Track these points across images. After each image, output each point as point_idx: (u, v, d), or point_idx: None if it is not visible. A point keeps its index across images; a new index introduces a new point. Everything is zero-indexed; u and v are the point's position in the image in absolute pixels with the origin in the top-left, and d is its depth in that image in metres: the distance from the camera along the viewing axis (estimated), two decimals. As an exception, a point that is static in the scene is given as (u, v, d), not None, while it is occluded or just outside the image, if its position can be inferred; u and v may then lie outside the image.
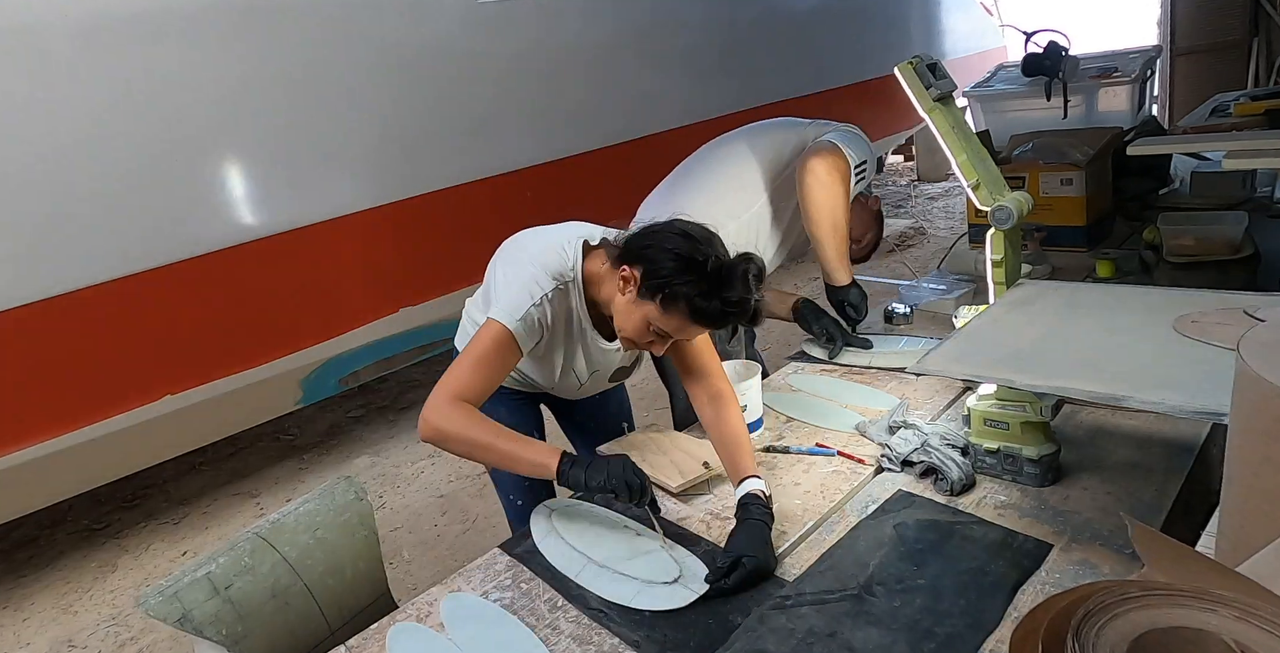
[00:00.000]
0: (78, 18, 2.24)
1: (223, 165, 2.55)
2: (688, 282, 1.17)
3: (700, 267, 1.16)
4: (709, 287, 1.17)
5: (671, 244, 1.19)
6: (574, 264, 1.29)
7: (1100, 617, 0.53)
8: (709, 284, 1.17)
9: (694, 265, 1.17)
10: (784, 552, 1.16)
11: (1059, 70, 2.34)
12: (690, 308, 1.18)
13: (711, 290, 1.17)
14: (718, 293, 1.16)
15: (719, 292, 1.16)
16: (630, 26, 3.72)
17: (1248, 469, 0.66)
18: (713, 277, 1.16)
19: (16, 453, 2.28)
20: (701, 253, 1.17)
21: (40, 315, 2.25)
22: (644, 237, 1.24)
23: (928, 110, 1.43)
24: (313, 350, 2.75)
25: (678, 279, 1.17)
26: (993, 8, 7.05)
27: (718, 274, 1.17)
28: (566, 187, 3.50)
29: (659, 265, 1.19)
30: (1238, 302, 1.14)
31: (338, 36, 2.75)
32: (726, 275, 1.17)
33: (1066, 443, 1.26)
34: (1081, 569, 1.02)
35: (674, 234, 1.21)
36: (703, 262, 1.16)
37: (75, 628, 2.53)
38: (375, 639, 1.12)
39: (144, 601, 1.18)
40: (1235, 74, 4.96)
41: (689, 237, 1.20)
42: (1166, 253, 1.94)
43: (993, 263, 1.42)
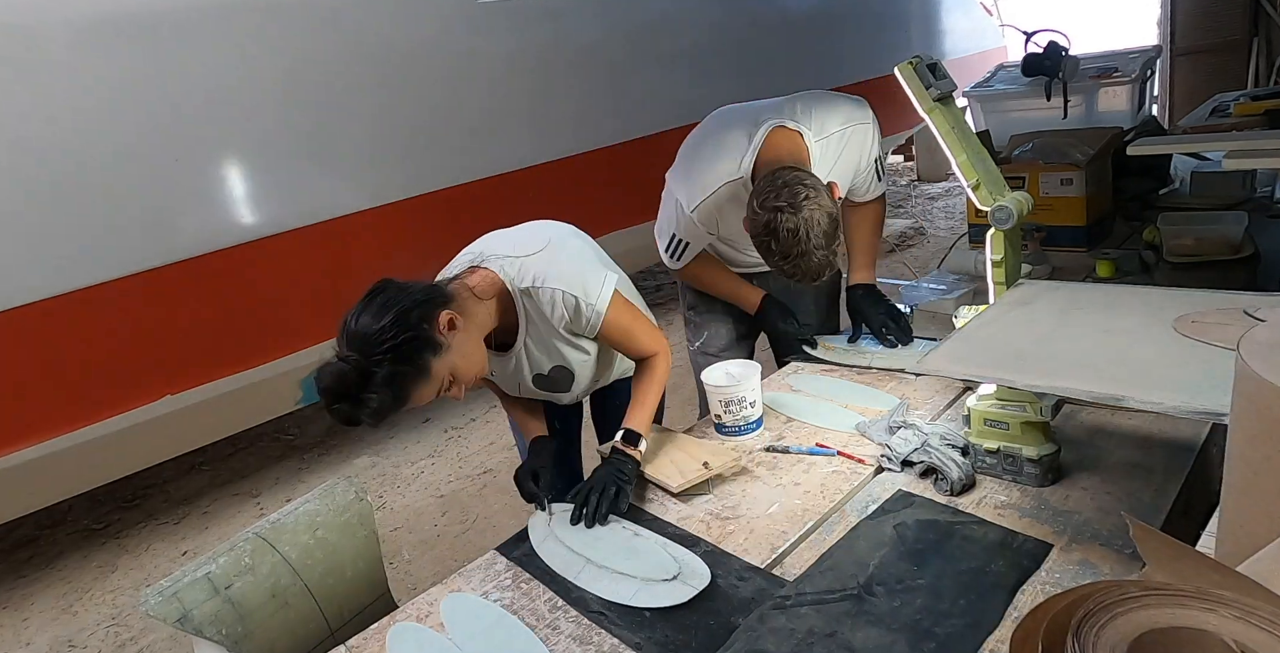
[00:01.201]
0: (74, 18, 2.24)
1: (222, 165, 2.55)
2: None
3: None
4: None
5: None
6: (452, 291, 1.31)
7: (1100, 617, 0.53)
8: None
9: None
10: (784, 552, 1.16)
11: (1059, 70, 2.33)
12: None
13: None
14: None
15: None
16: (630, 26, 3.72)
17: (1248, 469, 0.66)
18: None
19: (16, 453, 2.28)
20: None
21: (40, 315, 2.25)
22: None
23: (928, 110, 1.43)
24: (313, 350, 2.75)
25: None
26: (993, 8, 7.05)
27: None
28: (567, 186, 3.50)
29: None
30: (1238, 302, 1.14)
31: (337, 36, 2.75)
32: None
33: (1066, 443, 1.26)
34: (1081, 569, 1.02)
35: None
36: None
37: (75, 628, 2.53)
38: (375, 639, 1.12)
39: (144, 601, 1.18)
40: (1235, 74, 4.96)
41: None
42: (1166, 253, 1.94)
43: (993, 263, 1.42)
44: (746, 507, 1.28)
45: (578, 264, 1.39)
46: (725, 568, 1.13)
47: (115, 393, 2.42)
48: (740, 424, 1.50)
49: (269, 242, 2.63)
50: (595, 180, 3.58)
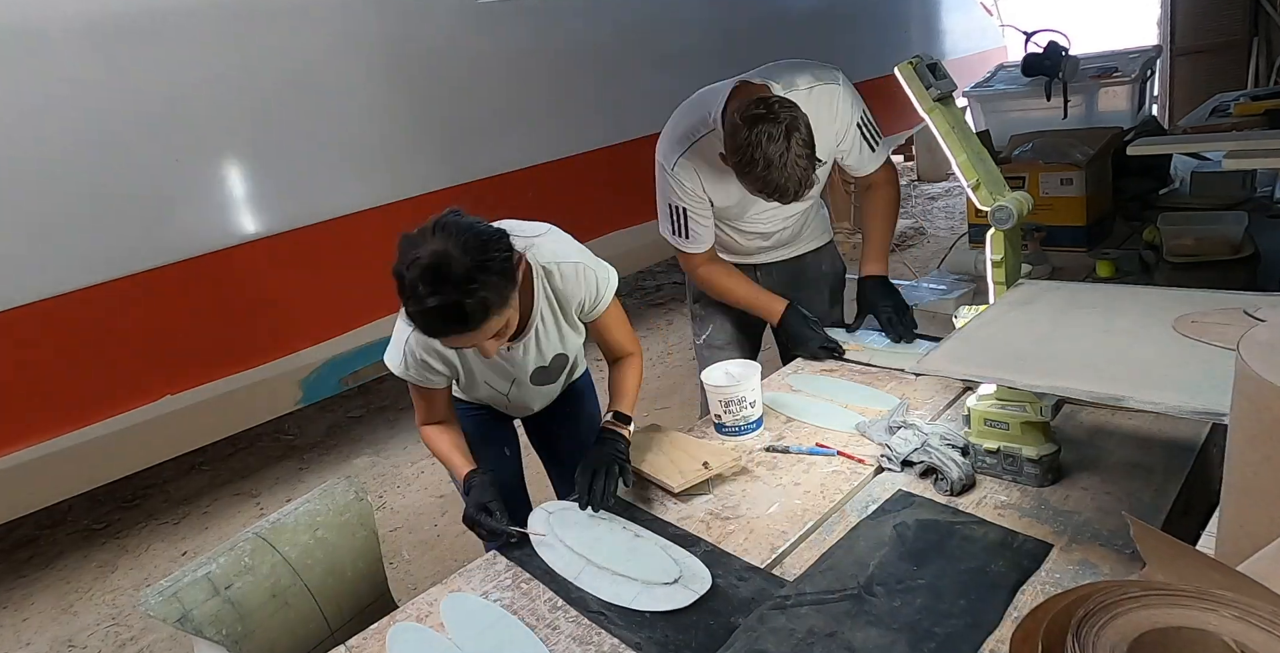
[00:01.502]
0: (72, 18, 2.24)
1: (222, 165, 2.55)
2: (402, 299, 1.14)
3: (400, 283, 1.12)
4: (405, 299, 1.13)
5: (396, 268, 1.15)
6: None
7: (1100, 617, 0.53)
8: (404, 297, 1.13)
9: (398, 284, 1.13)
10: (784, 552, 1.16)
11: (1059, 70, 2.33)
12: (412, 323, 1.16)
13: (407, 302, 1.13)
14: (410, 304, 1.12)
15: (409, 305, 1.12)
16: (630, 26, 3.72)
17: (1248, 469, 0.66)
18: (403, 291, 1.12)
19: (16, 453, 2.28)
20: (395, 269, 1.13)
21: (41, 315, 2.25)
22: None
23: (928, 110, 1.43)
24: (313, 350, 2.75)
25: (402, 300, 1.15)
26: (993, 8, 7.04)
27: (402, 288, 1.12)
28: (567, 186, 3.50)
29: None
30: (1238, 302, 1.14)
31: (337, 36, 2.75)
32: (409, 287, 1.10)
33: (1066, 443, 1.26)
34: (1081, 569, 1.02)
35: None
36: (398, 278, 1.12)
37: (75, 628, 2.53)
38: (375, 639, 1.12)
39: (144, 601, 1.18)
40: (1235, 74, 4.96)
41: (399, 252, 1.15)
42: (1166, 253, 1.94)
43: (993, 263, 1.41)
44: (746, 507, 1.28)
45: (581, 247, 1.43)
46: (725, 568, 1.13)
47: (115, 393, 2.42)
48: (740, 424, 1.50)
49: (269, 241, 2.63)
50: (595, 180, 3.58)
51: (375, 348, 2.88)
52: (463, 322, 1.11)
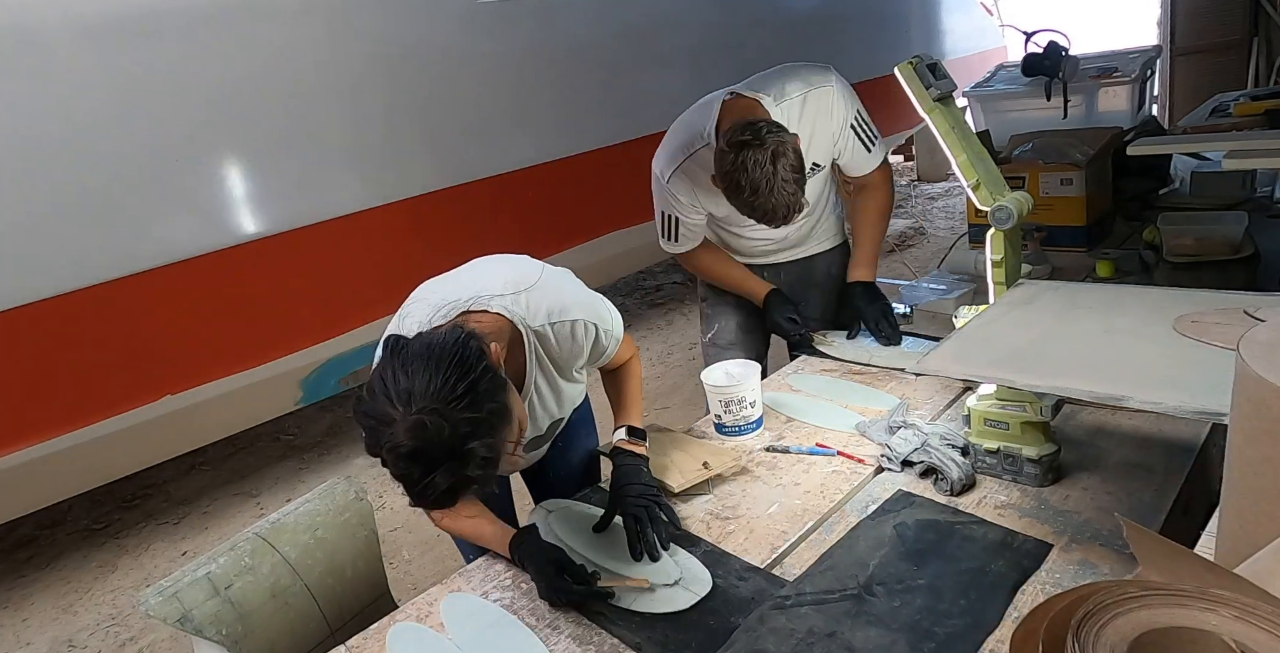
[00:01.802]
0: (69, 18, 2.24)
1: (222, 165, 2.55)
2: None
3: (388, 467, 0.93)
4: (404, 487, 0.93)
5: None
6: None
7: (1100, 617, 0.53)
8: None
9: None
10: (784, 552, 1.16)
11: (1059, 70, 2.33)
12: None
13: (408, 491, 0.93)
14: (413, 496, 0.93)
15: (412, 495, 0.93)
16: (630, 26, 3.72)
17: (1248, 469, 0.66)
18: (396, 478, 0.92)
19: (16, 453, 2.28)
20: (372, 451, 0.94)
21: (41, 315, 2.25)
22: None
23: (928, 110, 1.43)
24: (313, 350, 2.75)
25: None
26: (993, 8, 7.04)
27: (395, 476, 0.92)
28: (567, 186, 3.50)
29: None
30: (1238, 302, 1.14)
31: (336, 36, 2.75)
32: (403, 479, 0.92)
33: (1066, 443, 1.26)
34: (1081, 569, 1.02)
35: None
36: (384, 463, 0.92)
37: (75, 628, 2.53)
38: (375, 639, 1.12)
39: (144, 601, 1.18)
40: (1235, 74, 4.96)
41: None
42: (1166, 253, 1.94)
43: (993, 263, 1.42)
44: (746, 507, 1.28)
45: (582, 291, 1.26)
46: (725, 568, 1.13)
47: (115, 393, 2.42)
48: (740, 424, 1.50)
49: (269, 241, 2.63)
50: (595, 180, 3.58)
51: (375, 348, 2.88)
52: (483, 483, 0.94)
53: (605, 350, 1.28)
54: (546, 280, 1.21)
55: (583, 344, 1.22)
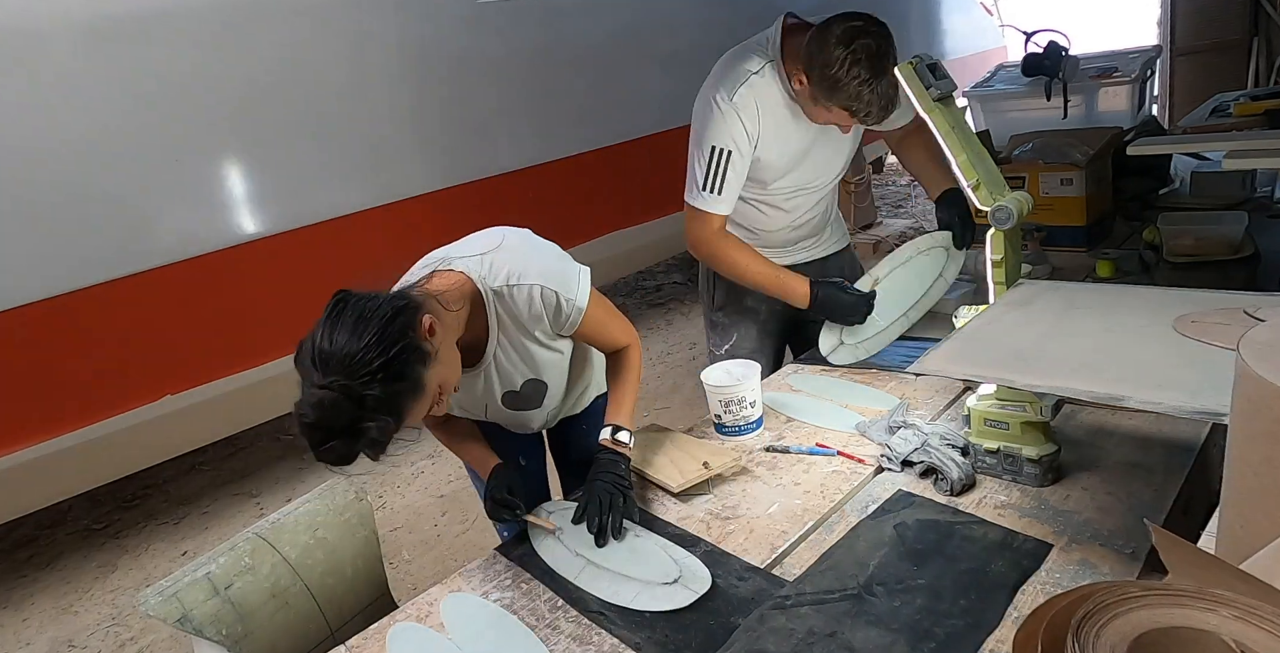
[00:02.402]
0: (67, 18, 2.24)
1: (223, 165, 2.55)
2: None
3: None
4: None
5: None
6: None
7: (1100, 617, 0.53)
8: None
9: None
10: (784, 552, 1.16)
11: (1059, 70, 2.34)
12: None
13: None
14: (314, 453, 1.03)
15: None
16: (630, 27, 3.72)
17: (1248, 469, 0.66)
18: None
19: (16, 453, 2.28)
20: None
21: (41, 315, 2.25)
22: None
23: (928, 110, 1.43)
24: (313, 351, 2.75)
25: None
26: (993, 8, 7.04)
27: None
28: (568, 186, 3.50)
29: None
30: (1238, 302, 1.14)
31: (335, 36, 2.75)
32: (303, 439, 1.02)
33: (1066, 443, 1.26)
34: (1081, 569, 1.02)
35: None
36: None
37: (75, 628, 2.53)
38: (375, 639, 1.12)
39: (144, 601, 1.18)
40: (1235, 74, 4.95)
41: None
42: (1166, 253, 1.94)
43: (993, 263, 1.41)
44: (746, 507, 1.28)
45: (550, 257, 1.29)
46: (725, 568, 1.13)
47: (115, 393, 2.42)
48: (740, 424, 1.50)
49: (269, 241, 2.63)
50: (596, 180, 3.58)
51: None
52: (371, 456, 1.04)
53: (569, 318, 1.28)
54: (513, 244, 1.27)
55: (540, 310, 1.25)
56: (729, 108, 1.58)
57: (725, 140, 1.60)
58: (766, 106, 1.60)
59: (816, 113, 1.57)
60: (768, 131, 1.62)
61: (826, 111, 1.53)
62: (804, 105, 1.59)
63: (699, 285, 2.03)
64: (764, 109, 1.60)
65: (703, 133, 1.63)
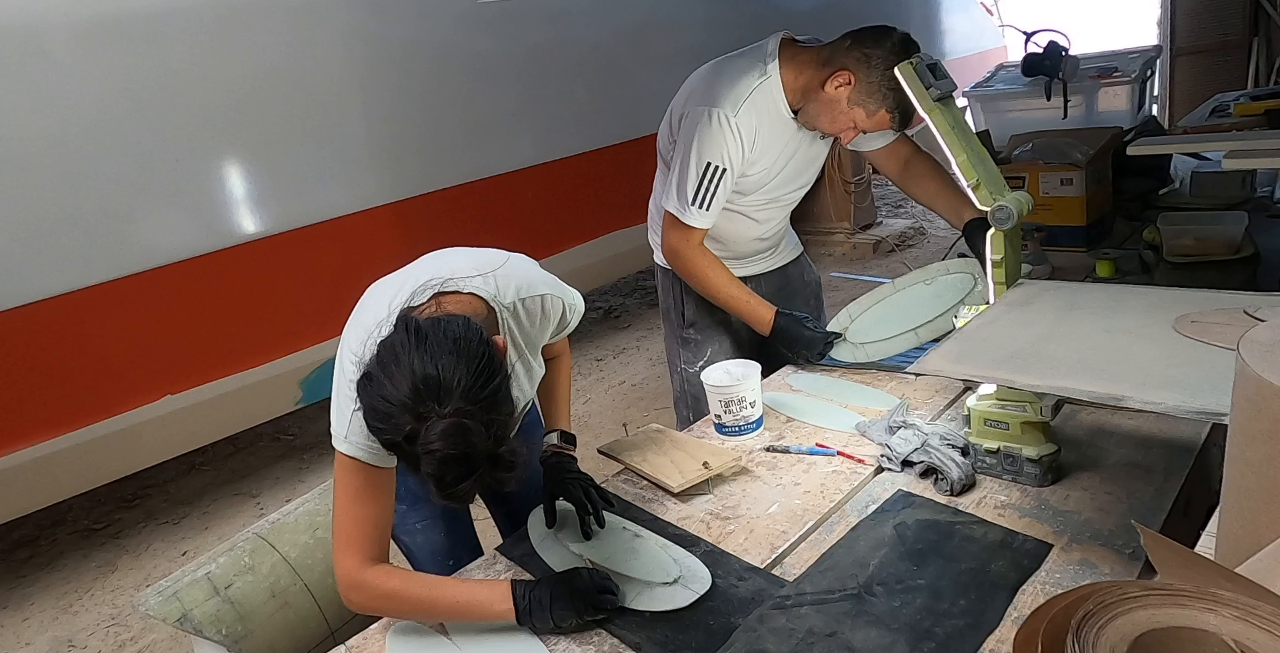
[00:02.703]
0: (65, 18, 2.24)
1: (223, 165, 2.55)
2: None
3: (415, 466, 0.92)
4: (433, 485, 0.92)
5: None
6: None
7: (1100, 617, 0.53)
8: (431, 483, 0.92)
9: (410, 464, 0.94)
10: (784, 552, 1.16)
11: (1059, 70, 2.33)
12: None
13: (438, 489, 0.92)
14: (443, 493, 0.92)
15: (441, 493, 0.92)
16: (630, 26, 3.72)
17: (1248, 469, 0.66)
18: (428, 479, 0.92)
19: (16, 453, 2.28)
20: (396, 442, 0.92)
21: (41, 315, 2.25)
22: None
23: (928, 110, 1.43)
24: (313, 350, 2.75)
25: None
26: (993, 8, 7.05)
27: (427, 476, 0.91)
28: (568, 187, 3.50)
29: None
30: (1238, 302, 1.14)
31: (335, 36, 2.75)
32: (435, 480, 0.91)
33: (1066, 443, 1.26)
34: (1081, 569, 1.02)
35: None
36: (412, 461, 0.92)
37: (75, 628, 2.53)
38: (375, 639, 1.12)
39: (144, 601, 1.18)
40: (1235, 74, 4.96)
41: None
42: (1166, 253, 1.94)
43: (993, 263, 1.42)
44: (746, 507, 1.28)
45: (535, 266, 1.27)
46: (725, 568, 1.13)
47: (115, 393, 2.42)
48: (740, 424, 1.50)
49: (269, 242, 2.63)
50: (597, 180, 3.58)
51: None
52: (513, 486, 0.94)
53: (569, 324, 1.31)
54: (513, 262, 1.22)
55: (551, 318, 1.25)
56: (732, 125, 1.57)
57: (722, 158, 1.60)
58: (764, 121, 1.61)
59: (835, 119, 1.57)
60: (760, 146, 1.63)
61: (856, 121, 1.55)
62: (817, 112, 1.59)
63: (660, 304, 1.98)
64: (761, 124, 1.61)
65: (699, 146, 1.61)
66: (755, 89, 1.59)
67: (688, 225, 1.67)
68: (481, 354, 0.94)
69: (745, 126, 1.58)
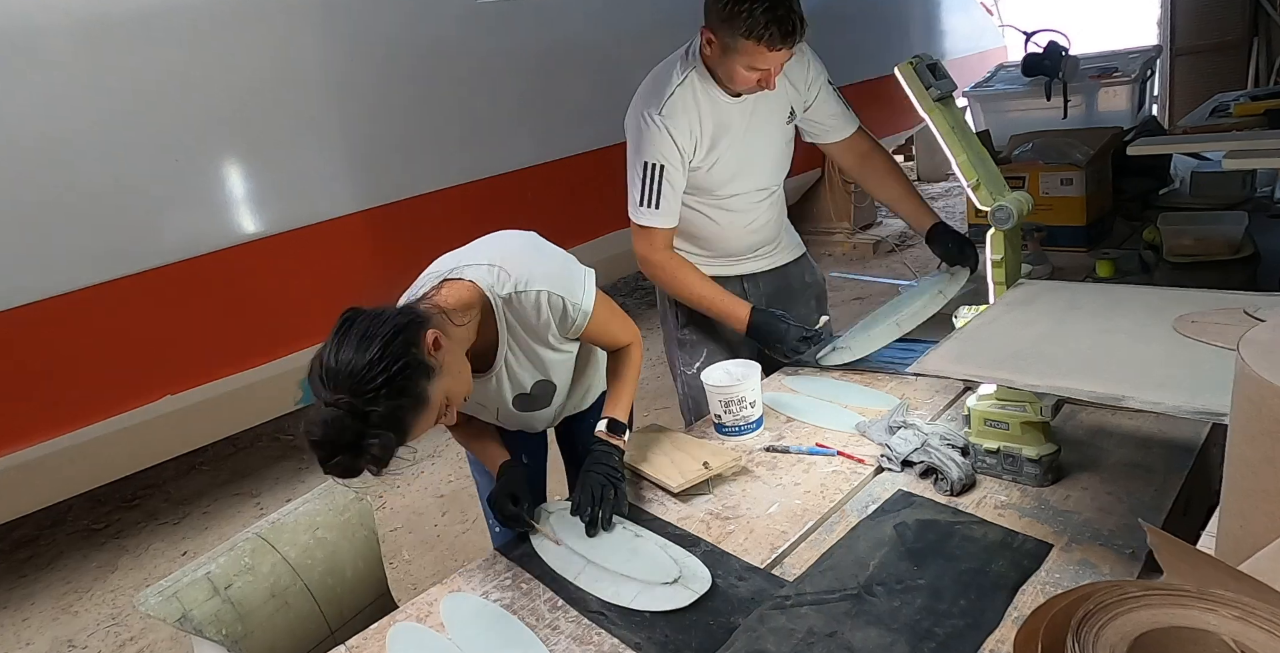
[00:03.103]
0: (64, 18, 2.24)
1: (222, 165, 2.55)
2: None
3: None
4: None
5: None
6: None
7: (1100, 617, 0.53)
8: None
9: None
10: (784, 552, 1.16)
11: (1059, 70, 2.33)
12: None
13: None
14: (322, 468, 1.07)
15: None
16: (630, 27, 3.72)
17: (1248, 469, 0.66)
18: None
19: (17, 453, 2.28)
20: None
21: (41, 315, 2.25)
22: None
23: (928, 110, 1.43)
24: (313, 350, 2.74)
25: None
26: (993, 8, 7.05)
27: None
28: (566, 187, 3.50)
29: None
30: (1238, 302, 1.14)
31: (335, 36, 2.75)
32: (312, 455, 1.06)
33: (1066, 443, 1.26)
34: (1081, 569, 1.02)
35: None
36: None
37: (75, 628, 2.53)
38: (375, 639, 1.12)
39: (144, 600, 1.18)
40: (1235, 74, 4.95)
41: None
42: (1166, 253, 1.94)
43: (993, 263, 1.42)
44: (746, 507, 1.28)
45: (556, 262, 1.32)
46: (725, 568, 1.13)
47: (115, 393, 2.42)
48: (740, 424, 1.50)
49: (268, 242, 2.63)
50: (597, 179, 3.58)
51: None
52: (374, 472, 1.07)
53: (575, 322, 1.30)
54: (518, 250, 1.31)
55: (548, 315, 1.27)
56: (659, 122, 1.62)
57: (656, 155, 1.63)
58: (695, 114, 1.63)
59: (736, 74, 1.55)
60: (705, 139, 1.65)
61: (741, 63, 1.53)
62: (725, 79, 1.60)
63: (658, 306, 2.01)
64: (693, 118, 1.63)
65: (635, 149, 1.66)
66: (678, 86, 1.63)
67: (646, 227, 1.69)
68: (383, 349, 1.04)
69: (674, 121, 1.61)
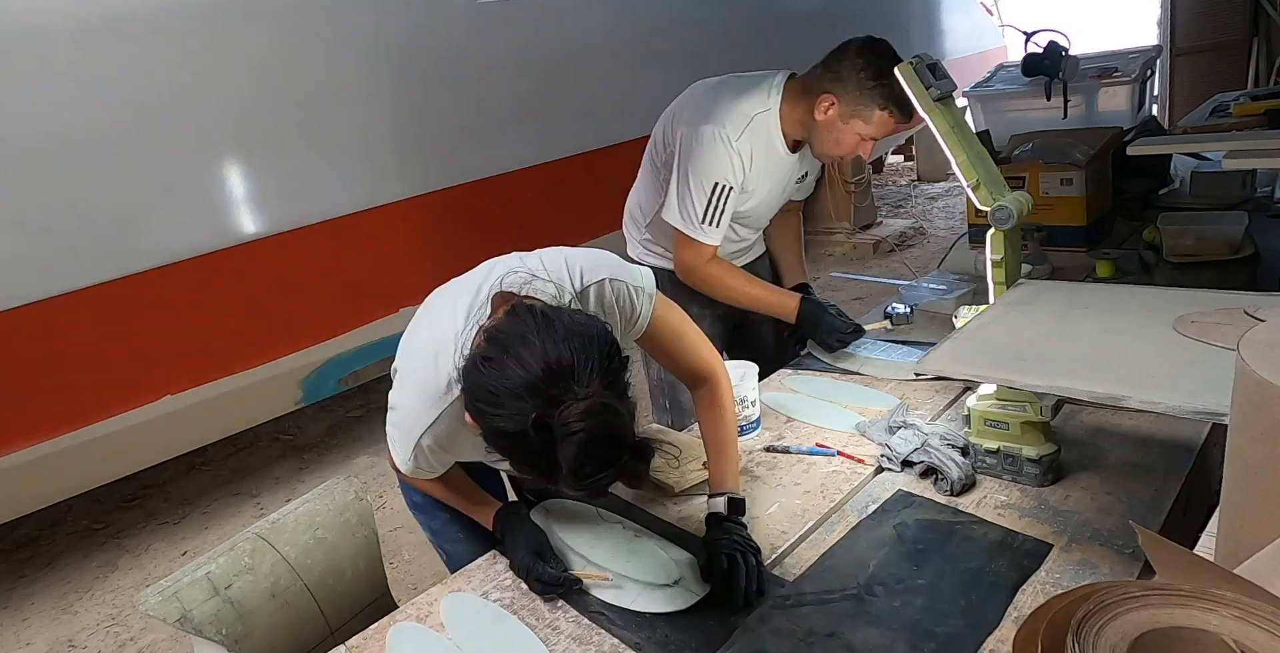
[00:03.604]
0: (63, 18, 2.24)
1: (222, 165, 2.55)
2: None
3: (538, 452, 0.89)
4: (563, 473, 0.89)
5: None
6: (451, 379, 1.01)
7: (1100, 617, 0.53)
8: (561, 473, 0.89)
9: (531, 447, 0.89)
10: (784, 552, 1.16)
11: (1059, 70, 2.33)
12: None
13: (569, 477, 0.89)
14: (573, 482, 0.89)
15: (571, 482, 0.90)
16: (631, 26, 3.72)
17: (1248, 469, 0.66)
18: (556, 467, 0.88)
19: (16, 453, 2.28)
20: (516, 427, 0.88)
21: (41, 315, 2.25)
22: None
23: (928, 110, 1.43)
24: (313, 350, 2.75)
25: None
26: (993, 8, 7.05)
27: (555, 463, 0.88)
28: (566, 187, 3.50)
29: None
30: (1238, 302, 1.14)
31: (335, 36, 2.75)
32: (573, 469, 0.87)
33: (1066, 443, 1.26)
34: (1081, 569, 1.02)
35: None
36: (531, 441, 0.87)
37: (75, 628, 2.53)
38: (375, 639, 1.12)
39: (144, 600, 1.18)
40: (1235, 74, 4.95)
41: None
42: (1166, 253, 1.94)
43: (993, 263, 1.42)
44: (746, 507, 1.28)
45: (602, 253, 1.20)
46: (725, 568, 1.13)
47: (115, 393, 2.42)
48: (740, 424, 1.50)
49: (269, 241, 2.63)
50: (597, 179, 3.58)
51: (375, 348, 2.88)
52: (639, 480, 0.92)
53: (640, 311, 1.18)
54: (567, 254, 1.18)
55: (612, 304, 1.15)
56: (734, 147, 1.63)
57: (728, 177, 1.65)
58: (760, 150, 1.66)
59: (844, 140, 1.62)
60: (754, 173, 1.69)
61: (864, 132, 1.59)
62: (824, 144, 1.65)
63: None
64: (757, 151, 1.66)
65: (704, 167, 1.65)
66: (756, 116, 1.65)
67: (701, 243, 1.71)
68: (609, 341, 0.91)
69: (744, 150, 1.65)
